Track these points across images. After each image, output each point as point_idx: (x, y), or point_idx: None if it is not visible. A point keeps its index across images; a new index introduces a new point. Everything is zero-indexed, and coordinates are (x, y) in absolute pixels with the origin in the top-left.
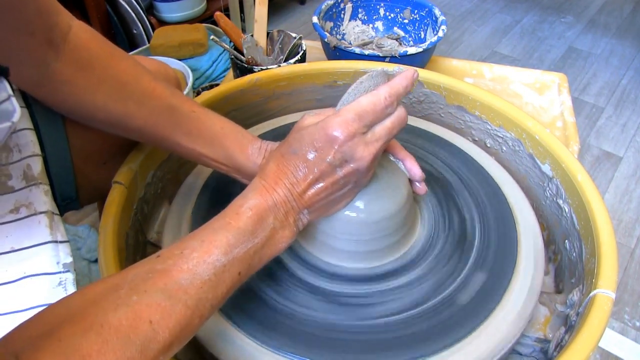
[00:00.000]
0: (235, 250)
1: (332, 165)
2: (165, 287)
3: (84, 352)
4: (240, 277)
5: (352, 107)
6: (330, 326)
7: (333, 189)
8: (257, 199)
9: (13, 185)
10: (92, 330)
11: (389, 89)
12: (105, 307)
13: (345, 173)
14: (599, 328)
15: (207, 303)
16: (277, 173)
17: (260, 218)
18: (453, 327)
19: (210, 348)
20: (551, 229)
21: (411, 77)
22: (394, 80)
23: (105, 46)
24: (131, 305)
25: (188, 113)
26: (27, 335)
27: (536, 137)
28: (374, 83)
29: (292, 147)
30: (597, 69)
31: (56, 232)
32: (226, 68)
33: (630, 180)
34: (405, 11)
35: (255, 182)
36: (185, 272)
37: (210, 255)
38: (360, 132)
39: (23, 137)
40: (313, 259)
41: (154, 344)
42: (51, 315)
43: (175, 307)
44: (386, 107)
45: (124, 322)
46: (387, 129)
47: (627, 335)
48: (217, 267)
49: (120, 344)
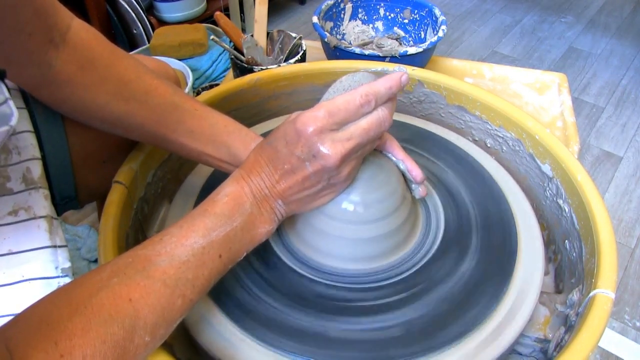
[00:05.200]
0: (213, 234)
1: (301, 159)
2: (143, 269)
3: (70, 333)
4: (222, 260)
5: (325, 103)
6: (330, 326)
7: (305, 185)
8: (233, 187)
9: (12, 188)
10: (77, 312)
11: (367, 88)
12: (89, 291)
13: (314, 169)
14: (599, 328)
15: (187, 283)
16: (253, 163)
17: (237, 203)
18: (453, 327)
19: (211, 349)
20: (551, 229)
21: (397, 79)
22: (377, 80)
23: (106, 45)
24: (111, 286)
25: (190, 111)
26: (18, 325)
27: (536, 137)
28: (356, 82)
29: (269, 139)
30: (597, 69)
31: (55, 237)
32: (226, 68)
33: (630, 180)
34: (405, 11)
35: (234, 172)
36: (163, 255)
37: (187, 239)
38: (329, 129)
39: (23, 140)
40: (313, 259)
41: (136, 321)
42: (41, 306)
43: (154, 285)
44: (361, 106)
45: (105, 301)
46: (362, 129)
47: (627, 335)
48: (195, 249)
49: (102, 321)
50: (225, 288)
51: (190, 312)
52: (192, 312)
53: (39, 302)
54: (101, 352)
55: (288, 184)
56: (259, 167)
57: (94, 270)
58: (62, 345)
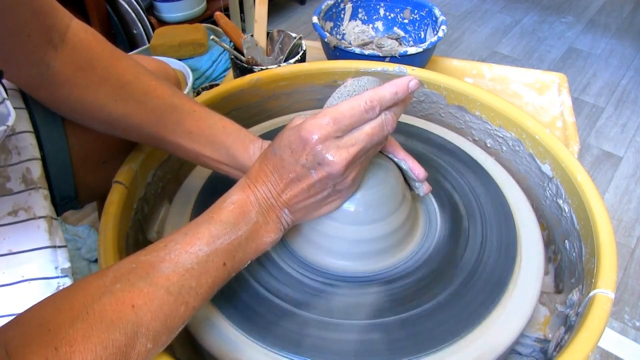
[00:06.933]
0: (218, 242)
1: (306, 167)
2: (147, 275)
3: (71, 339)
4: (226, 268)
5: (329, 110)
6: (332, 327)
7: (310, 192)
8: (239, 195)
9: (11, 188)
10: (78, 318)
11: (372, 94)
12: (91, 296)
13: (320, 177)
14: (599, 328)
15: (191, 291)
16: (258, 171)
17: (243, 212)
18: (452, 327)
19: (212, 351)
20: (551, 229)
21: (403, 85)
22: (382, 86)
23: (105, 46)
24: (114, 292)
25: (189, 112)
26: (18, 328)
27: (536, 137)
28: (361, 87)
29: (274, 147)
30: (597, 69)
31: (55, 237)
32: (226, 68)
33: (630, 180)
34: (405, 11)
35: (240, 180)
36: (167, 262)
37: (192, 246)
38: (334, 136)
39: (22, 140)
40: (314, 259)
41: (138, 328)
42: (42, 309)
43: (157, 292)
44: (365, 112)
45: (107, 307)
46: (365, 134)
47: (627, 335)
48: (199, 256)
49: (104, 328)
50: (226, 289)
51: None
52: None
53: (40, 304)
54: (102, 358)
55: (294, 192)
56: (265, 176)
57: (96, 274)
58: (62, 350)
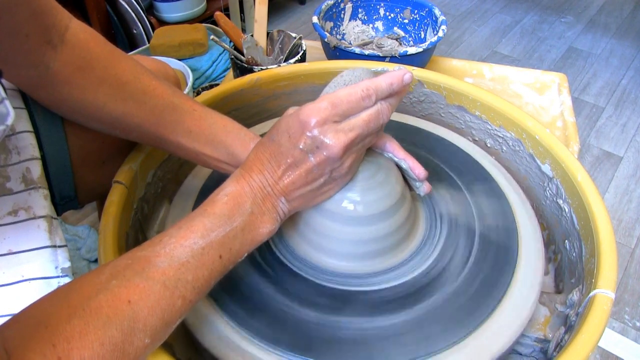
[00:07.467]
0: (212, 234)
1: (304, 151)
2: (143, 270)
3: (68, 335)
4: (222, 261)
5: (327, 96)
6: (331, 326)
7: (308, 179)
8: (233, 186)
9: (11, 188)
10: (75, 315)
11: (368, 83)
12: (88, 293)
13: (318, 161)
14: (599, 328)
15: (187, 285)
16: (254, 160)
17: (237, 203)
18: (452, 327)
19: (211, 349)
20: (551, 229)
21: (399, 77)
22: (378, 77)
23: (104, 46)
24: (110, 288)
25: (189, 111)
26: (16, 326)
27: (536, 137)
28: (356, 77)
29: (271, 135)
30: (597, 69)
31: (55, 237)
32: (226, 68)
33: (630, 180)
34: (405, 11)
35: (234, 172)
36: (162, 256)
37: (187, 240)
38: (332, 120)
39: (22, 140)
40: (314, 258)
41: (135, 323)
42: (39, 307)
43: (154, 287)
44: (362, 99)
45: (103, 304)
46: (362, 120)
47: (627, 335)
48: (194, 249)
49: (100, 324)
50: (225, 288)
51: (190, 312)
52: (193, 312)
53: (37, 302)
54: (99, 354)
55: (291, 179)
56: (261, 165)
57: (92, 272)
58: (60, 347)
